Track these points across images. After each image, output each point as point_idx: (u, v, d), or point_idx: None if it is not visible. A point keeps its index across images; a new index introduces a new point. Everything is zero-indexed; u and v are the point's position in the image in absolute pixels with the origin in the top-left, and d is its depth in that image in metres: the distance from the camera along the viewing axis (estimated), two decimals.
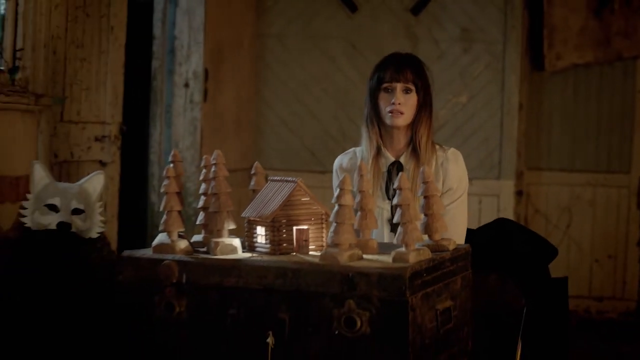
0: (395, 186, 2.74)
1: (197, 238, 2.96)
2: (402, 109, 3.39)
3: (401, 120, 3.40)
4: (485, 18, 6.38)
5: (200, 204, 2.95)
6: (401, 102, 3.39)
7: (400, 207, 2.70)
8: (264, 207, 2.82)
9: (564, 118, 6.67)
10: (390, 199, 3.37)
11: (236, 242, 2.83)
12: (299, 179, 2.85)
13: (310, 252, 2.83)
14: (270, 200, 2.83)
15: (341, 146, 5.55)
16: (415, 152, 3.43)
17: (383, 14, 6.49)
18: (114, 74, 4.68)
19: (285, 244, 2.82)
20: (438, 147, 3.49)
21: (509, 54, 6.37)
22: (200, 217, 2.95)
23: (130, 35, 4.86)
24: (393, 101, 3.38)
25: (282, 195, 2.82)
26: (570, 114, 6.67)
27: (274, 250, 2.80)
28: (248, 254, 2.82)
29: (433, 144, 3.47)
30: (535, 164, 6.69)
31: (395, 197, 2.73)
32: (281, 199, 2.80)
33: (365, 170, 2.76)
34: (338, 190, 2.68)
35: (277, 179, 2.91)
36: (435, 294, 2.70)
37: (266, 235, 2.82)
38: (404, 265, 2.58)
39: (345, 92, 6.51)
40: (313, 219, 2.86)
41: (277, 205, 2.79)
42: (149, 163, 5.81)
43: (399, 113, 3.39)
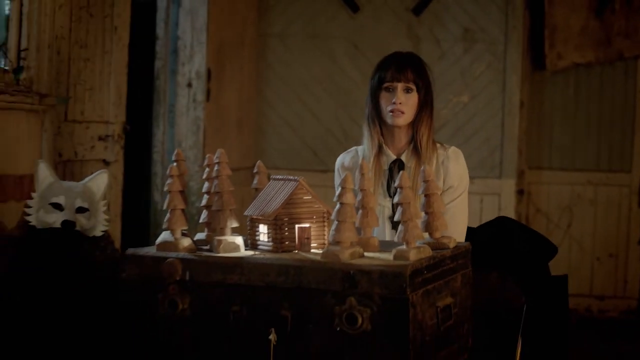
0: (396, 185, 2.74)
1: (200, 236, 2.96)
2: (403, 108, 3.40)
3: (402, 120, 3.41)
4: (486, 18, 6.39)
5: (203, 202, 2.95)
6: (402, 102, 3.39)
7: (401, 206, 2.71)
8: (267, 206, 2.83)
9: (565, 117, 6.68)
10: (392, 197, 3.38)
11: (239, 240, 2.84)
12: (301, 178, 2.86)
13: (312, 250, 2.83)
14: (273, 198, 2.84)
15: (343, 145, 5.56)
16: (417, 151, 3.44)
17: (385, 14, 6.50)
18: (117, 74, 4.68)
19: (287, 242, 2.82)
20: (439, 146, 3.50)
21: (510, 53, 6.39)
22: (203, 216, 2.95)
23: (134, 35, 4.87)
24: (394, 101, 3.39)
25: (284, 193, 2.82)
26: (571, 114, 6.68)
27: (276, 248, 2.81)
28: (250, 252, 2.83)
29: (434, 143, 3.48)
30: (537, 163, 6.70)
31: (396, 196, 2.74)
32: (283, 198, 2.81)
33: (367, 169, 2.76)
34: (339, 188, 2.69)
35: (280, 177, 2.91)
36: (436, 291, 2.70)
37: (268, 233, 2.82)
38: (404, 263, 2.59)
39: (346, 92, 6.52)
40: (315, 217, 2.86)
41: (280, 203, 2.80)
42: (152, 162, 5.82)
43: (400, 112, 3.40)
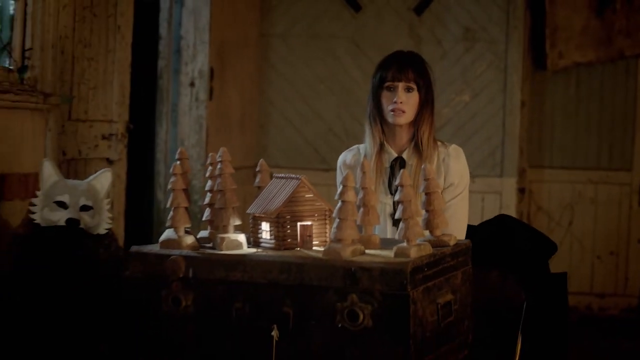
0: (396, 183, 2.75)
1: (203, 234, 2.97)
2: (404, 107, 3.41)
3: (403, 119, 3.43)
4: (487, 18, 6.39)
5: (206, 200, 2.95)
6: (403, 101, 3.41)
7: (402, 204, 2.71)
8: (269, 204, 2.84)
9: (566, 116, 6.68)
10: (393, 194, 3.38)
11: (241, 238, 2.85)
12: (303, 176, 2.87)
13: (313, 248, 2.84)
14: (275, 196, 2.85)
15: (345, 144, 5.56)
16: (418, 149, 3.46)
17: (387, 14, 6.50)
18: (120, 73, 4.69)
19: (289, 240, 2.83)
20: (440, 144, 3.51)
21: (511, 53, 6.39)
22: (206, 214, 2.96)
23: (137, 35, 4.87)
24: (395, 100, 3.41)
25: (287, 191, 2.83)
26: (572, 112, 6.68)
27: (279, 245, 2.82)
28: (253, 250, 2.84)
29: (435, 141, 3.49)
30: (538, 161, 6.70)
31: (397, 194, 2.75)
32: (285, 196, 2.82)
33: (368, 168, 2.77)
34: (341, 187, 2.69)
35: (282, 176, 2.92)
36: (436, 288, 2.71)
37: (271, 231, 2.83)
38: (405, 260, 2.60)
39: (348, 91, 6.52)
40: (317, 215, 2.87)
41: (282, 201, 2.81)
42: (155, 161, 5.82)
43: (401, 112, 3.41)
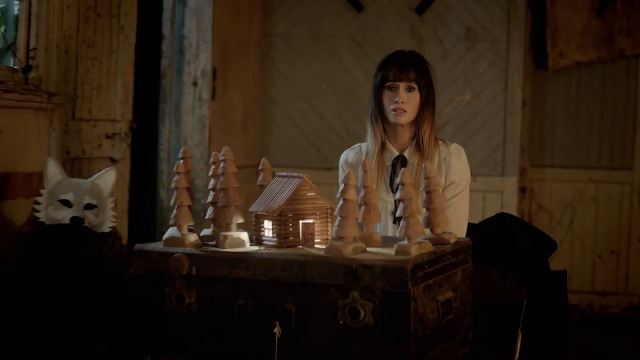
0: (397, 182, 2.76)
1: (207, 232, 2.98)
2: (405, 107, 3.42)
3: (404, 118, 3.44)
4: (489, 17, 6.39)
5: (209, 199, 2.96)
6: (404, 101, 3.42)
7: (403, 202, 2.73)
8: (271, 202, 2.85)
9: (567, 115, 6.68)
10: (394, 192, 3.39)
11: (244, 236, 2.86)
12: (305, 175, 2.89)
13: (315, 245, 2.85)
14: (277, 195, 2.86)
15: (347, 143, 5.57)
16: (419, 147, 3.47)
17: (388, 14, 6.50)
18: (124, 73, 4.70)
19: (291, 238, 2.85)
20: (441, 143, 3.52)
21: (512, 52, 6.38)
22: (209, 212, 2.97)
23: (140, 34, 4.88)
24: (396, 99, 3.42)
25: (289, 190, 2.85)
26: (573, 112, 6.68)
27: (281, 243, 2.83)
28: (255, 247, 2.85)
29: (436, 140, 3.51)
30: (539, 160, 6.70)
31: (397, 192, 2.76)
32: (288, 194, 2.83)
33: (369, 166, 2.78)
34: (342, 185, 2.71)
35: (284, 174, 2.93)
36: (437, 286, 2.72)
37: (273, 229, 2.85)
38: (406, 258, 2.61)
39: (350, 91, 6.52)
40: (318, 213, 2.89)
41: (284, 200, 2.83)
42: (158, 160, 5.82)
43: (402, 111, 3.42)
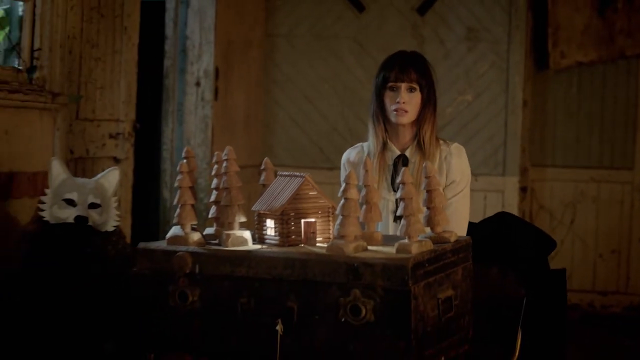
0: (398, 181, 2.78)
1: (210, 231, 3.00)
2: (407, 107, 3.44)
3: (405, 119, 3.46)
4: (490, 18, 6.40)
5: (212, 198, 2.98)
6: (406, 101, 3.44)
7: (403, 201, 2.74)
8: (274, 201, 2.87)
9: (568, 115, 6.69)
10: (396, 191, 3.41)
11: (247, 235, 2.88)
12: (307, 174, 2.90)
13: (317, 244, 2.87)
14: (280, 194, 2.88)
15: (349, 143, 5.58)
16: (420, 147, 3.49)
17: (390, 14, 6.51)
18: (127, 73, 4.71)
19: (293, 236, 2.87)
20: (442, 142, 3.54)
21: (513, 53, 6.39)
22: (212, 211, 2.98)
23: (143, 35, 4.90)
24: (398, 100, 3.44)
25: (291, 189, 2.86)
26: (574, 112, 6.68)
27: (283, 242, 2.85)
28: (258, 246, 2.87)
29: (437, 139, 3.53)
30: (540, 160, 6.71)
31: (398, 191, 2.78)
32: (290, 193, 2.85)
33: (370, 166, 2.80)
34: (344, 184, 2.73)
35: (286, 174, 2.95)
36: (437, 284, 2.74)
37: (275, 227, 2.87)
38: (406, 256, 2.63)
39: (352, 91, 6.53)
40: (320, 212, 2.91)
41: (286, 199, 2.85)
42: (161, 160, 5.85)
43: (404, 111, 3.44)
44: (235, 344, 2.77)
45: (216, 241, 2.93)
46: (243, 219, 2.90)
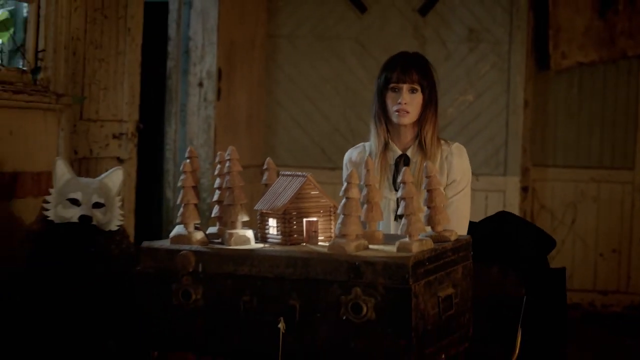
0: (399, 180, 2.81)
1: (212, 230, 3.00)
2: (408, 108, 3.46)
3: (407, 119, 3.48)
4: (491, 19, 6.41)
5: (215, 197, 2.99)
6: (407, 102, 3.45)
7: (404, 200, 2.75)
8: (276, 200, 2.89)
9: (569, 116, 6.69)
10: (397, 190, 3.42)
11: (249, 234, 2.89)
12: (309, 174, 2.92)
13: (319, 243, 2.89)
14: (282, 193, 2.89)
15: (350, 143, 5.58)
16: (422, 147, 3.51)
17: (392, 15, 6.51)
18: (130, 74, 4.73)
19: (295, 235, 2.88)
20: (443, 142, 3.56)
21: (514, 53, 6.39)
22: (215, 210, 2.99)
23: (146, 36, 4.91)
24: (399, 101, 3.45)
25: (293, 189, 2.88)
26: (575, 112, 6.68)
27: (285, 240, 2.86)
28: (260, 245, 2.88)
29: (438, 139, 3.54)
30: (541, 160, 6.71)
31: (399, 191, 2.79)
32: (292, 193, 2.87)
33: (372, 166, 2.82)
34: (345, 183, 2.74)
35: (288, 173, 2.96)
36: (437, 282, 2.75)
37: (277, 226, 2.88)
38: (407, 255, 2.64)
39: (354, 91, 6.54)
40: (322, 211, 2.92)
41: (288, 198, 2.86)
42: (164, 160, 5.85)
43: (405, 112, 3.46)
44: (238, 342, 2.78)
45: (219, 240, 2.94)
46: (246, 218, 2.91)
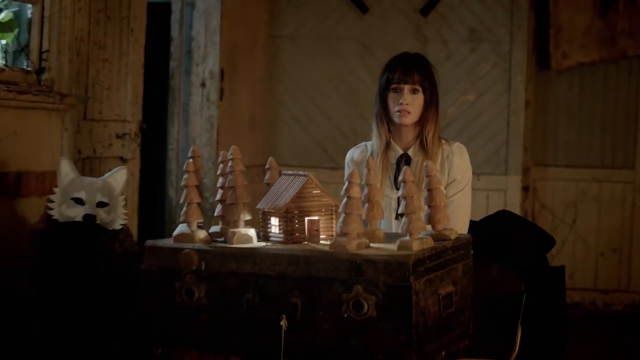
0: (399, 179, 2.83)
1: (215, 229, 3.02)
2: (410, 108, 3.48)
3: (408, 119, 3.50)
4: (492, 19, 6.42)
5: (218, 196, 3.01)
6: (409, 103, 3.48)
7: (405, 199, 2.78)
8: (278, 199, 2.90)
9: (570, 115, 6.70)
10: (399, 189, 3.46)
11: (252, 232, 2.92)
12: (311, 173, 2.93)
13: (320, 241, 2.90)
14: (284, 192, 2.91)
15: (352, 143, 5.57)
16: (423, 146, 3.53)
17: (393, 15, 6.52)
18: (134, 74, 4.74)
19: (297, 234, 2.89)
20: (444, 142, 3.58)
21: (515, 53, 6.41)
22: (218, 209, 3.01)
23: (149, 36, 4.92)
24: (401, 101, 3.48)
25: (295, 188, 2.89)
26: (575, 112, 6.69)
27: (287, 239, 2.88)
28: (263, 243, 2.90)
29: (439, 139, 3.57)
30: (542, 160, 6.71)
31: (400, 190, 2.81)
32: (294, 192, 2.88)
33: (373, 165, 2.84)
34: (347, 183, 2.76)
35: (290, 173, 2.97)
36: (438, 280, 2.77)
37: (280, 225, 2.89)
38: (408, 253, 2.66)
39: (356, 91, 6.54)
40: (323, 210, 2.94)
41: (290, 197, 2.87)
42: (167, 160, 5.86)
43: (407, 112, 3.48)
44: (240, 340, 2.80)
45: (222, 239, 2.96)
46: (248, 217, 2.93)
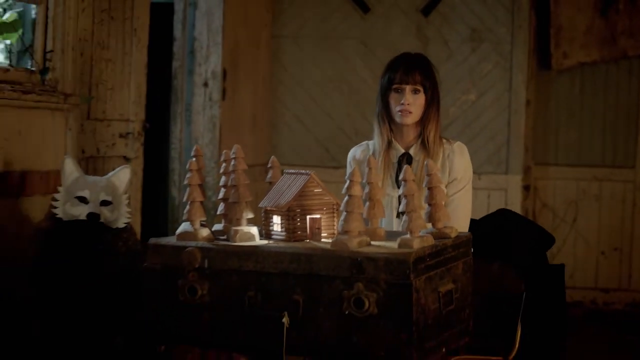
0: (400, 178, 2.84)
1: (218, 227, 3.04)
2: (411, 108, 3.50)
3: (410, 119, 3.52)
4: (493, 18, 6.43)
5: (221, 195, 3.01)
6: (410, 102, 3.49)
7: (405, 198, 2.79)
8: (280, 198, 2.92)
9: (571, 115, 6.71)
10: (400, 188, 3.48)
11: (254, 230, 2.93)
12: (312, 172, 2.95)
13: (322, 239, 2.92)
14: (286, 191, 2.92)
15: (354, 142, 5.57)
16: (424, 146, 3.54)
17: (395, 15, 6.53)
18: (137, 74, 4.76)
19: (299, 232, 2.91)
20: (445, 141, 3.59)
21: (516, 53, 6.42)
22: (221, 208, 3.02)
23: (152, 36, 4.93)
24: (402, 101, 3.49)
25: (297, 186, 2.91)
26: (576, 111, 6.71)
27: (289, 237, 2.89)
28: (265, 241, 2.91)
29: (440, 138, 3.58)
30: (543, 159, 6.73)
31: (400, 188, 2.83)
32: (296, 190, 2.90)
33: (374, 164, 2.85)
34: (348, 181, 2.77)
35: (292, 171, 2.98)
36: (438, 277, 2.79)
37: (282, 223, 2.91)
38: (408, 251, 2.68)
39: (357, 91, 6.56)
40: (325, 208, 2.95)
41: (292, 196, 2.89)
42: (169, 159, 5.87)
43: (408, 112, 3.50)
44: (243, 337, 2.82)
45: (224, 237, 2.97)
46: (250, 216, 2.94)
